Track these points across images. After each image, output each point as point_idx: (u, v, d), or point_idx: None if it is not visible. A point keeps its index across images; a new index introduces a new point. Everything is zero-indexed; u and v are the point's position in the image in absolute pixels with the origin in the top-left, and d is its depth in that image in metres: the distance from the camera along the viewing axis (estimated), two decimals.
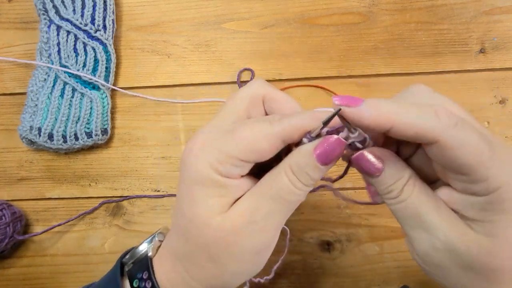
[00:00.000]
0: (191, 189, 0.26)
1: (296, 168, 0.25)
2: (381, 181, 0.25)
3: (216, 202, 0.26)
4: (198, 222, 0.26)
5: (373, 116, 0.22)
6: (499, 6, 0.49)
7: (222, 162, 0.25)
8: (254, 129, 0.25)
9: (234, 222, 0.25)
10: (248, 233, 0.26)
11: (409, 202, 0.24)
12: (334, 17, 0.50)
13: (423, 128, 0.21)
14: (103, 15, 0.50)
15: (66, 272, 0.50)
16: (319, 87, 0.50)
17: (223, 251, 0.26)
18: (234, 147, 0.25)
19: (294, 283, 0.48)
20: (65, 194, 0.51)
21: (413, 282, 0.47)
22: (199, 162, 0.25)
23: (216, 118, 0.28)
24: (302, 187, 0.25)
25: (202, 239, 0.26)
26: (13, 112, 0.51)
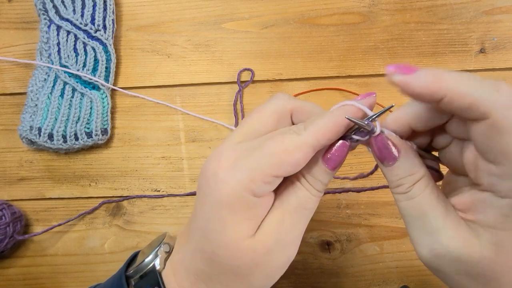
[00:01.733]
0: (221, 213, 0.25)
1: (311, 178, 0.26)
2: (394, 172, 0.25)
3: (246, 226, 0.25)
4: (227, 247, 0.25)
5: (429, 82, 0.21)
6: (499, 6, 0.49)
7: (255, 180, 0.24)
8: (284, 142, 0.24)
9: (264, 243, 0.25)
10: (278, 251, 0.26)
11: (417, 201, 0.24)
12: (334, 17, 0.50)
13: (480, 99, 0.20)
14: (103, 15, 0.50)
15: (66, 272, 0.50)
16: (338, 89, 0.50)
17: (254, 272, 0.26)
18: (267, 163, 0.24)
19: (294, 283, 0.48)
20: (65, 194, 0.51)
21: (413, 282, 0.47)
22: (230, 183, 0.24)
23: (240, 132, 0.27)
24: (317, 194, 0.26)
25: (231, 262, 0.26)
26: (13, 112, 0.51)
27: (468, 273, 0.23)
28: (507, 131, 0.20)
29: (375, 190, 0.48)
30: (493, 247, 0.22)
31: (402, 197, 0.25)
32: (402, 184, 0.24)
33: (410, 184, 0.24)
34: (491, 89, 0.20)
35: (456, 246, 0.22)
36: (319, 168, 0.26)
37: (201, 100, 0.51)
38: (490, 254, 0.22)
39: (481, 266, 0.22)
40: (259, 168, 0.24)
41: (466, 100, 0.21)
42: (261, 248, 0.25)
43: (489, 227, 0.22)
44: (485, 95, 0.20)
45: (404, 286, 0.46)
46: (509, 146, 0.20)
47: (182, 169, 0.50)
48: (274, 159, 0.24)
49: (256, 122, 0.27)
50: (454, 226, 0.23)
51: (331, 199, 0.49)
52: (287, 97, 0.28)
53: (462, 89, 0.21)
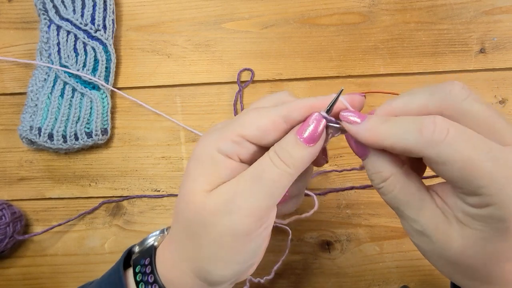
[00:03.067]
0: (189, 165, 0.27)
1: (278, 147, 0.25)
2: (366, 166, 0.26)
3: (203, 181, 0.26)
4: (185, 198, 0.26)
5: (366, 138, 0.24)
6: (499, 6, 0.49)
7: (223, 138, 0.26)
8: (258, 110, 0.26)
9: (214, 201, 0.25)
10: (226, 213, 0.25)
11: (390, 197, 0.25)
12: (334, 17, 0.50)
13: (406, 146, 0.22)
14: (103, 15, 0.50)
15: (66, 272, 0.50)
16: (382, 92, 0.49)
17: (201, 230, 0.26)
18: (236, 124, 0.26)
19: (294, 283, 0.48)
20: (65, 194, 0.51)
21: (413, 282, 0.47)
22: (202, 141, 0.27)
23: None
24: (282, 165, 0.25)
25: (185, 215, 0.27)
26: (13, 112, 0.51)
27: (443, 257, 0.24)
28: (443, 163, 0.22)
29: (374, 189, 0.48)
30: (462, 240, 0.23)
31: (377, 191, 0.26)
32: (373, 180, 0.26)
33: (379, 182, 0.25)
34: (415, 133, 0.22)
35: (430, 233, 0.24)
36: (289, 138, 0.25)
37: (201, 100, 0.51)
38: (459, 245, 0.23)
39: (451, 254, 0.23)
40: (229, 128, 0.26)
41: (399, 149, 0.23)
42: (211, 205, 0.25)
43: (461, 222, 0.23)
44: (411, 140, 0.22)
45: (404, 286, 0.46)
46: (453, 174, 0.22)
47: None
48: (242, 121, 0.26)
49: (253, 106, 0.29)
50: (429, 217, 0.24)
51: (331, 199, 0.49)
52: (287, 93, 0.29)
53: (391, 141, 0.23)
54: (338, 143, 0.49)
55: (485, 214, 0.22)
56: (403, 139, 0.23)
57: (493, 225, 0.22)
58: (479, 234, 0.22)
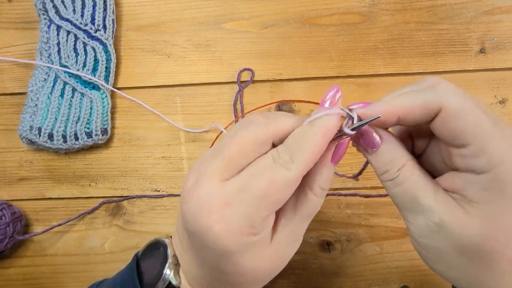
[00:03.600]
0: (232, 260, 0.25)
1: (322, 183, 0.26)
2: (379, 158, 0.26)
3: (261, 258, 0.26)
4: (250, 277, 0.26)
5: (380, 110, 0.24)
6: (499, 6, 0.49)
7: (253, 225, 0.24)
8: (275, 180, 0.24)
9: (280, 255, 0.27)
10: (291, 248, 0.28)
11: (406, 185, 0.25)
12: (334, 17, 0.50)
13: (424, 102, 0.23)
14: (103, 15, 0.50)
15: (66, 272, 0.50)
16: None
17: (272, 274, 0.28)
18: (261, 205, 0.24)
19: (294, 283, 0.48)
20: (65, 194, 0.51)
21: (413, 282, 0.47)
22: (230, 237, 0.24)
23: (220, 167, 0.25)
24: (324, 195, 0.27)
25: None
26: (13, 112, 0.51)
27: (462, 249, 0.23)
28: (459, 112, 0.22)
29: (376, 194, 0.48)
30: (480, 220, 0.23)
31: (391, 184, 0.25)
32: (388, 170, 0.25)
33: (396, 169, 0.25)
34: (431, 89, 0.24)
35: (449, 221, 0.23)
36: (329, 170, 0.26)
37: (201, 100, 0.51)
38: (479, 226, 0.23)
39: (472, 241, 0.23)
40: (254, 212, 0.24)
41: (416, 110, 0.24)
42: (278, 258, 0.27)
43: (473, 202, 0.23)
44: (428, 97, 0.23)
45: (404, 286, 0.46)
46: (467, 125, 0.22)
47: (182, 169, 0.50)
48: (267, 200, 0.24)
49: (237, 155, 0.25)
50: (445, 203, 0.24)
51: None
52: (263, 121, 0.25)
53: (407, 104, 0.24)
54: None
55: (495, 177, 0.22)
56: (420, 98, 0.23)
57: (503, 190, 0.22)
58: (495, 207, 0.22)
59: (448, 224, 0.23)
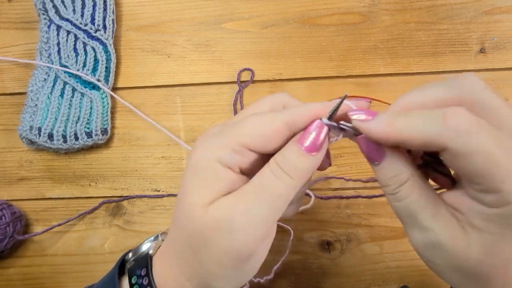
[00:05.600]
0: (186, 176, 0.25)
1: (280, 157, 0.24)
2: (380, 172, 0.24)
3: (203, 193, 0.24)
4: (184, 212, 0.25)
5: (381, 132, 0.23)
6: (499, 6, 0.49)
7: (223, 147, 0.24)
8: (259, 116, 0.25)
9: (214, 217, 0.24)
10: (227, 232, 0.24)
11: (406, 203, 0.24)
12: (334, 17, 0.50)
13: (429, 137, 0.21)
14: (103, 15, 0.50)
15: (66, 272, 0.50)
16: None
17: (203, 247, 0.25)
18: (237, 132, 0.24)
19: (294, 283, 0.48)
20: (65, 194, 0.51)
21: (413, 282, 0.47)
22: (201, 149, 0.25)
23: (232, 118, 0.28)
24: (286, 178, 0.24)
25: (186, 230, 0.25)
26: (13, 112, 0.51)
27: (458, 269, 0.23)
28: (468, 155, 0.20)
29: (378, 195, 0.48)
30: (480, 247, 0.22)
31: (391, 197, 0.24)
32: (389, 185, 0.24)
33: (397, 186, 0.24)
34: (438, 123, 0.21)
35: (446, 243, 0.22)
36: (291, 148, 0.24)
37: (201, 100, 0.51)
38: (477, 254, 0.22)
39: (469, 264, 0.22)
40: (230, 136, 0.24)
41: (419, 141, 0.22)
42: (211, 221, 0.24)
43: (476, 228, 0.22)
44: (433, 131, 0.21)
45: (404, 286, 0.46)
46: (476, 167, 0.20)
47: (182, 169, 0.50)
48: (244, 129, 0.24)
49: (251, 108, 0.27)
50: (444, 225, 0.23)
51: (331, 199, 0.49)
52: (286, 94, 0.28)
53: (411, 133, 0.22)
54: (338, 143, 0.49)
55: (504, 214, 0.21)
56: (424, 129, 0.21)
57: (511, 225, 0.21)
58: (499, 238, 0.21)
59: (445, 245, 0.22)
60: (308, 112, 0.25)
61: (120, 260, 0.31)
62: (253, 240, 0.24)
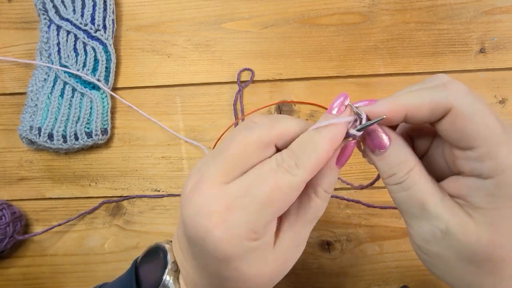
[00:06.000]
0: (232, 266, 0.24)
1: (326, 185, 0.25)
2: (386, 160, 0.25)
3: (263, 263, 0.25)
4: (253, 283, 0.25)
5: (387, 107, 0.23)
6: (499, 6, 0.49)
7: (256, 230, 0.23)
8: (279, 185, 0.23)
9: (283, 258, 0.26)
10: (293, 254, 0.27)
11: (414, 190, 0.24)
12: (334, 17, 0.50)
13: (435, 101, 0.22)
14: (103, 15, 0.50)
15: (66, 272, 0.50)
16: None
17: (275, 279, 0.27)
18: (265, 211, 0.23)
19: (294, 283, 0.48)
20: (65, 194, 0.51)
21: (413, 282, 0.47)
22: (231, 242, 0.23)
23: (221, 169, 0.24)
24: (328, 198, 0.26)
25: None
26: (13, 112, 0.51)
27: (468, 257, 0.23)
28: (469, 114, 0.22)
29: (376, 198, 0.48)
30: (487, 227, 0.22)
31: (396, 188, 0.24)
32: (395, 173, 0.24)
33: (404, 173, 0.24)
34: (441, 88, 0.23)
35: (454, 229, 0.23)
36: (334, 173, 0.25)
37: (201, 100, 0.51)
38: (486, 234, 0.22)
39: (479, 249, 0.22)
40: (257, 218, 0.23)
41: (425, 108, 0.23)
42: (282, 263, 0.26)
43: (479, 208, 0.22)
44: (439, 95, 0.23)
45: (404, 286, 0.46)
46: (477, 127, 0.22)
47: (182, 169, 0.50)
48: (270, 205, 0.23)
49: (239, 157, 0.24)
50: (451, 210, 0.23)
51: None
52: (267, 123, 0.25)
53: (417, 101, 0.23)
54: None
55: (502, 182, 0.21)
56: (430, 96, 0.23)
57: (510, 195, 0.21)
58: (504, 213, 0.22)
59: (454, 232, 0.23)
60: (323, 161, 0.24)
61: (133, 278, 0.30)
62: None
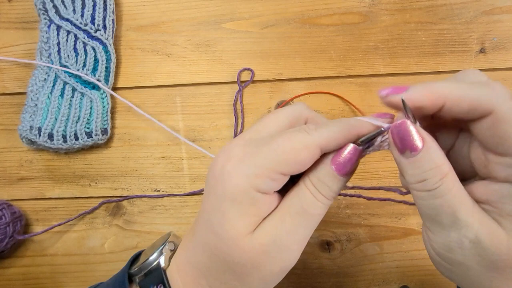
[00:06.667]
0: (224, 205, 0.25)
1: (316, 180, 0.25)
2: (417, 164, 0.22)
3: (246, 222, 0.25)
4: (227, 241, 0.25)
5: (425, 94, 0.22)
6: (499, 6, 0.49)
7: (261, 176, 0.24)
8: (292, 139, 0.24)
9: (261, 242, 0.25)
10: (275, 253, 0.25)
11: (447, 199, 0.22)
12: (334, 17, 0.50)
13: (478, 99, 0.21)
14: (103, 15, 0.50)
15: (66, 272, 0.50)
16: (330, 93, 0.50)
17: (250, 272, 0.25)
18: (274, 159, 0.24)
19: (294, 283, 0.48)
20: (65, 194, 0.51)
21: (413, 282, 0.47)
22: (237, 176, 0.24)
23: (253, 130, 0.27)
24: (324, 200, 0.25)
25: (230, 258, 0.25)
26: (13, 112, 0.51)
27: (492, 265, 0.22)
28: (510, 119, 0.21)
29: (376, 190, 0.48)
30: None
31: (427, 195, 0.22)
32: (427, 179, 0.22)
33: (437, 179, 0.22)
34: (486, 87, 0.21)
35: (484, 238, 0.21)
36: (327, 171, 0.25)
37: (201, 100, 0.51)
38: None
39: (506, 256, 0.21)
40: (266, 164, 0.24)
41: (465, 103, 0.21)
42: (259, 246, 0.25)
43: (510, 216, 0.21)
44: (483, 94, 0.21)
45: (404, 286, 0.46)
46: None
47: (182, 169, 0.50)
48: (281, 156, 0.24)
49: (271, 122, 0.27)
50: (480, 218, 0.22)
51: None
52: (305, 106, 0.28)
53: (459, 93, 0.22)
54: None
55: None
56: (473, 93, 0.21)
57: None
58: None
59: (483, 241, 0.21)
60: (341, 136, 0.24)
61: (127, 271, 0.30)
62: (298, 256, 0.26)
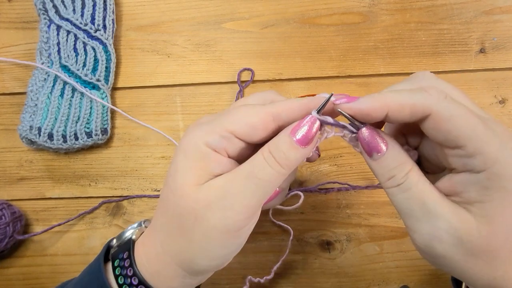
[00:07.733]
0: (177, 158, 0.27)
1: (273, 146, 0.26)
2: (384, 163, 0.25)
3: (194, 175, 0.26)
4: (175, 190, 0.26)
5: (370, 104, 0.24)
6: (499, 6, 0.49)
7: (211, 132, 0.26)
8: (247, 108, 0.26)
9: (206, 195, 0.26)
10: (218, 208, 0.25)
11: (415, 191, 0.24)
12: (334, 17, 0.50)
13: (416, 103, 0.23)
14: (103, 15, 0.50)
15: (66, 272, 0.50)
16: None
17: (193, 224, 0.26)
18: (225, 119, 0.26)
19: (294, 283, 0.48)
20: (65, 194, 0.51)
21: (413, 282, 0.47)
22: (191, 134, 0.27)
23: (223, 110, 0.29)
24: (276, 166, 0.25)
25: (176, 209, 0.26)
26: (13, 112, 0.51)
27: (469, 252, 0.23)
28: (450, 117, 0.23)
29: (375, 189, 0.48)
30: (485, 219, 0.23)
31: (397, 190, 0.25)
32: (394, 175, 0.25)
33: (403, 174, 0.24)
34: (421, 92, 0.23)
35: (456, 227, 0.23)
36: (284, 139, 0.26)
37: (201, 100, 0.51)
38: (485, 226, 0.23)
39: (480, 242, 0.23)
40: (218, 123, 0.26)
41: (406, 109, 0.23)
42: (203, 198, 0.25)
43: (475, 202, 0.23)
44: (419, 98, 0.23)
45: (404, 286, 0.46)
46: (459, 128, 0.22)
47: None
48: (231, 117, 0.26)
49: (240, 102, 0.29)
50: (451, 209, 0.24)
51: (331, 199, 0.49)
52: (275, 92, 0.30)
53: (399, 101, 0.24)
54: (338, 142, 0.49)
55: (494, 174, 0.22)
56: (412, 98, 0.23)
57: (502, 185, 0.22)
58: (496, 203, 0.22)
59: (457, 230, 0.23)
60: (294, 106, 0.26)
61: (106, 247, 0.32)
62: (242, 218, 0.26)
